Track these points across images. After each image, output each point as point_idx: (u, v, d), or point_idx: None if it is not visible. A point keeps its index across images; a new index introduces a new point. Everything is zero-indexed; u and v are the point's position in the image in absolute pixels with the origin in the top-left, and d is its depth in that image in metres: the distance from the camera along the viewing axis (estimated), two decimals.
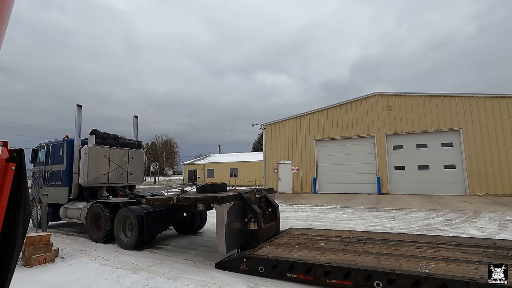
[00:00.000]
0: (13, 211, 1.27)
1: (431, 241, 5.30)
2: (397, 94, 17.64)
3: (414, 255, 4.44)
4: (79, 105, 8.69)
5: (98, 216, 7.49)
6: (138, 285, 4.42)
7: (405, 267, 3.88)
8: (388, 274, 3.69)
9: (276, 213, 6.46)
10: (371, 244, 5.15)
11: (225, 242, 4.96)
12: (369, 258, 4.31)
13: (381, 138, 17.63)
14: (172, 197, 5.86)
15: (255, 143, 64.40)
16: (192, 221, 8.11)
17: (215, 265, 5.09)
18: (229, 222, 5.16)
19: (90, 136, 8.60)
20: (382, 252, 4.61)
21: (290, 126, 20.85)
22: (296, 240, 5.64)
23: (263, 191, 6.49)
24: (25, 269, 5.26)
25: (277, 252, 4.85)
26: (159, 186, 33.52)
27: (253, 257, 4.72)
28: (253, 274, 4.62)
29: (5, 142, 1.31)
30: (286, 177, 20.45)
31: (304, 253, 4.76)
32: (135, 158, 9.42)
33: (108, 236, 7.08)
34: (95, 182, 8.31)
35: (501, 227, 7.98)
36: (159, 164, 56.62)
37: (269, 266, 4.50)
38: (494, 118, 15.13)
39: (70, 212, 8.41)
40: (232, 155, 46.41)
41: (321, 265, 4.13)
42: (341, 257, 4.44)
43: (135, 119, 10.37)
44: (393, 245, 5.01)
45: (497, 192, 14.69)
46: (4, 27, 1.21)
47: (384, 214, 10.77)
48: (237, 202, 5.46)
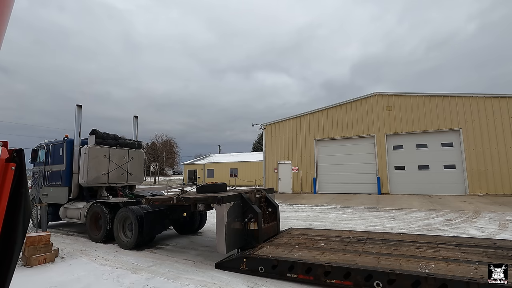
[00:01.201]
0: (13, 211, 1.27)
1: (431, 241, 5.30)
2: (397, 94, 17.64)
3: (414, 255, 4.43)
4: (79, 105, 8.68)
5: (98, 216, 7.47)
6: (138, 285, 4.42)
7: (405, 267, 3.87)
8: (388, 274, 3.68)
9: (276, 213, 6.46)
10: (371, 244, 5.15)
11: (225, 242, 4.95)
12: (369, 258, 4.31)
13: (381, 138, 17.64)
14: (172, 197, 5.84)
15: (255, 143, 64.38)
16: (192, 221, 8.10)
17: (215, 265, 5.09)
18: (229, 222, 5.14)
19: (90, 136, 8.58)
20: (382, 252, 4.61)
21: (290, 126, 20.85)
22: (296, 240, 5.63)
23: (263, 191, 6.49)
24: (25, 269, 5.26)
25: (277, 252, 4.84)
26: (159, 186, 33.50)
27: (253, 257, 4.71)
28: (253, 274, 4.61)
29: (5, 142, 1.31)
30: (286, 177, 20.45)
31: (304, 253, 4.75)
32: (135, 158, 9.42)
33: (108, 236, 7.07)
34: (95, 182, 8.29)
35: (501, 227, 7.98)
36: (159, 164, 56.61)
37: (269, 266, 4.49)
38: (494, 118, 15.13)
39: (70, 212, 8.40)
40: (232, 155, 46.39)
41: (321, 265, 4.12)
42: (341, 257, 4.44)
43: (135, 119, 10.36)
44: (393, 245, 5.00)
45: (497, 192, 14.69)
46: (4, 27, 1.21)
47: (384, 214, 10.77)
48: (237, 202, 5.44)
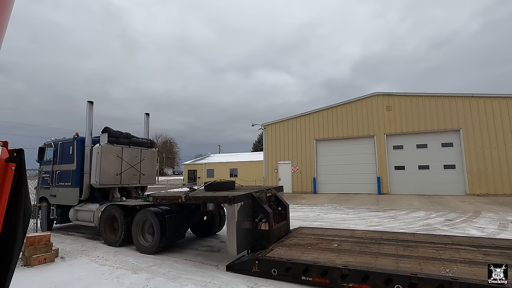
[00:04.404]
0: (13, 211, 1.27)
1: (447, 241, 5.09)
2: (397, 94, 17.64)
3: (434, 257, 4.24)
4: (90, 101, 8.25)
5: (114, 219, 7.07)
6: (138, 285, 4.42)
7: (426, 270, 3.69)
8: (409, 278, 3.51)
9: (286, 213, 6.23)
10: (386, 245, 4.97)
11: (236, 243, 4.76)
12: (387, 261, 4.13)
13: (381, 138, 17.63)
14: (181, 196, 5.57)
15: (255, 143, 64.34)
16: (211, 223, 7.66)
17: (226, 268, 4.92)
18: (240, 222, 4.94)
19: (102, 135, 8.16)
20: (399, 254, 4.43)
21: (290, 126, 20.84)
22: (308, 241, 5.44)
23: (272, 190, 6.29)
24: (25, 269, 5.26)
25: (290, 254, 4.67)
26: (159, 186, 33.49)
27: (265, 259, 4.53)
28: (265, 277, 4.42)
29: (5, 142, 1.31)
30: (286, 177, 20.44)
31: (318, 254, 4.58)
32: (148, 157, 9.02)
33: (125, 240, 6.71)
34: (107, 183, 7.94)
35: (501, 227, 7.98)
36: (159, 164, 56.68)
37: (283, 269, 4.32)
38: (494, 118, 15.13)
39: (81, 214, 7.98)
40: (232, 155, 46.35)
41: (337, 268, 3.95)
42: (357, 259, 4.28)
43: (146, 117, 9.89)
44: (410, 246, 4.82)
45: (497, 192, 14.68)
46: (4, 27, 1.20)
47: (384, 214, 10.77)
48: (247, 201, 5.22)
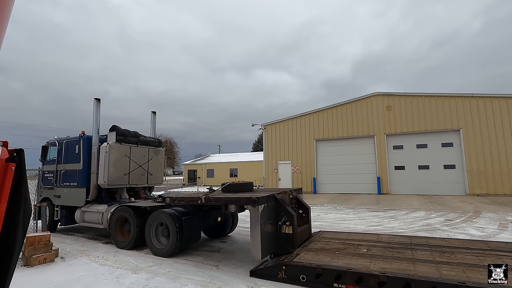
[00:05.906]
0: (13, 211, 1.27)
1: (484, 247, 4.85)
2: (397, 94, 17.64)
3: (476, 263, 3.97)
4: (97, 98, 8.03)
5: (124, 221, 6.83)
6: (138, 285, 4.42)
7: (474, 278, 3.43)
8: (457, 286, 3.26)
9: (308, 215, 6.04)
10: (419, 250, 4.73)
11: (261, 247, 4.58)
12: (427, 267, 3.89)
13: (381, 138, 17.63)
14: (200, 197, 5.37)
15: (255, 143, 64.33)
16: (225, 224, 7.49)
17: (250, 273, 4.65)
18: (263, 225, 4.77)
19: (109, 133, 7.94)
20: (437, 260, 4.19)
21: (290, 126, 20.85)
22: (334, 245, 5.20)
23: (293, 192, 6.11)
24: (25, 269, 5.26)
25: (318, 259, 4.44)
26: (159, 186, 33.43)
27: (293, 264, 4.31)
28: (293, 283, 4.20)
29: (5, 142, 1.31)
30: (286, 177, 20.44)
31: (349, 260, 4.35)
32: (155, 157, 8.85)
33: (137, 242, 6.48)
34: (116, 183, 7.71)
35: (501, 227, 7.98)
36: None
37: (312, 275, 4.09)
38: (494, 118, 15.13)
39: (88, 216, 7.69)
40: (232, 155, 46.32)
41: (374, 275, 3.70)
42: (393, 265, 4.04)
43: (153, 115, 9.64)
44: (445, 252, 4.58)
45: (497, 192, 14.68)
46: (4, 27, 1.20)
47: (384, 214, 10.77)
48: (270, 203, 5.06)
